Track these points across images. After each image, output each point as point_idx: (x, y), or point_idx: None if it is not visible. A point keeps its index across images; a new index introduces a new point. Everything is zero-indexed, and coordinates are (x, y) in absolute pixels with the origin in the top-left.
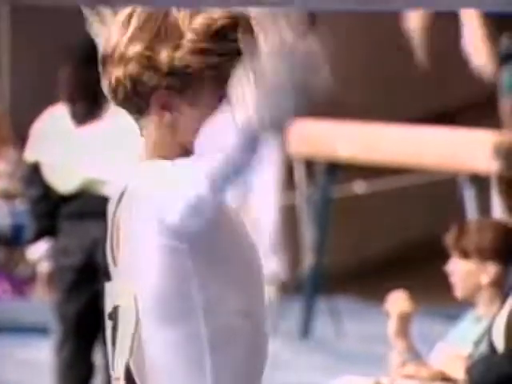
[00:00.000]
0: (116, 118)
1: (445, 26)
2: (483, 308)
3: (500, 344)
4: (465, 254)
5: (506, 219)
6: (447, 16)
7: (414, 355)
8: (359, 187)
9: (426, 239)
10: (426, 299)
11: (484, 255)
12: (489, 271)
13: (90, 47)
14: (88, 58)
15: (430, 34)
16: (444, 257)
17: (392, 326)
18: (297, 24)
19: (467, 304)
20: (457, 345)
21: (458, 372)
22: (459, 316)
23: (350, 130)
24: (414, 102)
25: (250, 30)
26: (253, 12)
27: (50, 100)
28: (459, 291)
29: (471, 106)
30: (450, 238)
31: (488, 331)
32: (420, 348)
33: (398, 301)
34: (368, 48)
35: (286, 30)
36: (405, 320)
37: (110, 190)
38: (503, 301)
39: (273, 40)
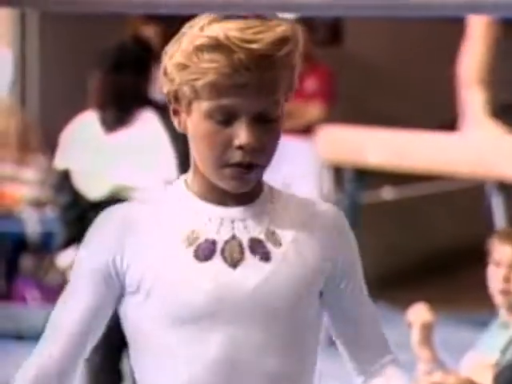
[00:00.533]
0: (146, 125)
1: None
2: (509, 314)
3: None
4: None
5: None
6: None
7: (439, 365)
8: (388, 193)
9: (455, 246)
10: (454, 306)
11: None
12: None
13: (121, 53)
14: (119, 63)
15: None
16: (473, 263)
17: (415, 336)
18: None
19: (495, 310)
20: (484, 352)
21: (486, 380)
22: (488, 322)
23: (379, 136)
24: (442, 109)
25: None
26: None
27: (79, 107)
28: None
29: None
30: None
31: None
32: (448, 355)
33: (419, 311)
34: (398, 54)
35: None
36: (427, 330)
37: (139, 197)
38: None
39: None
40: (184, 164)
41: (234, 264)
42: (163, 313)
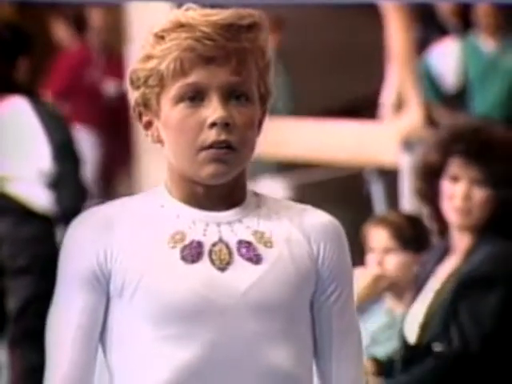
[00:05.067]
0: (16, 112)
1: (355, 21)
2: (393, 300)
3: (413, 338)
4: (406, 245)
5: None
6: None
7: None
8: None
9: None
10: None
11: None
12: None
13: None
14: None
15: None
16: (356, 252)
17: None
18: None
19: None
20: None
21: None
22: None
23: None
24: (321, 95)
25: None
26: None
27: None
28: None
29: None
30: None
31: (400, 325)
32: None
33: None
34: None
35: None
36: None
37: (13, 188)
38: (416, 293)
39: None
40: (59, 155)
41: (223, 267)
42: (149, 313)
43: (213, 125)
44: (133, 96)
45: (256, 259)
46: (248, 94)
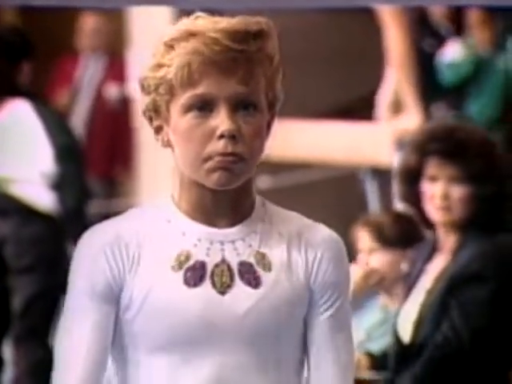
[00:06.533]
0: (17, 114)
1: (350, 23)
2: (387, 297)
3: (406, 335)
4: (389, 244)
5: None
6: (353, 13)
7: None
8: (264, 182)
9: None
10: None
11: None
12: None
13: None
14: None
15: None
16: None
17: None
18: None
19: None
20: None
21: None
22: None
23: None
24: (317, 97)
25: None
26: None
27: None
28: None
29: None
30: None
31: (393, 322)
32: None
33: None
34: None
35: None
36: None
37: (17, 189)
38: (407, 290)
39: None
40: (61, 157)
41: (223, 290)
42: (151, 336)
43: (221, 136)
44: (143, 101)
45: (255, 283)
46: (256, 103)
